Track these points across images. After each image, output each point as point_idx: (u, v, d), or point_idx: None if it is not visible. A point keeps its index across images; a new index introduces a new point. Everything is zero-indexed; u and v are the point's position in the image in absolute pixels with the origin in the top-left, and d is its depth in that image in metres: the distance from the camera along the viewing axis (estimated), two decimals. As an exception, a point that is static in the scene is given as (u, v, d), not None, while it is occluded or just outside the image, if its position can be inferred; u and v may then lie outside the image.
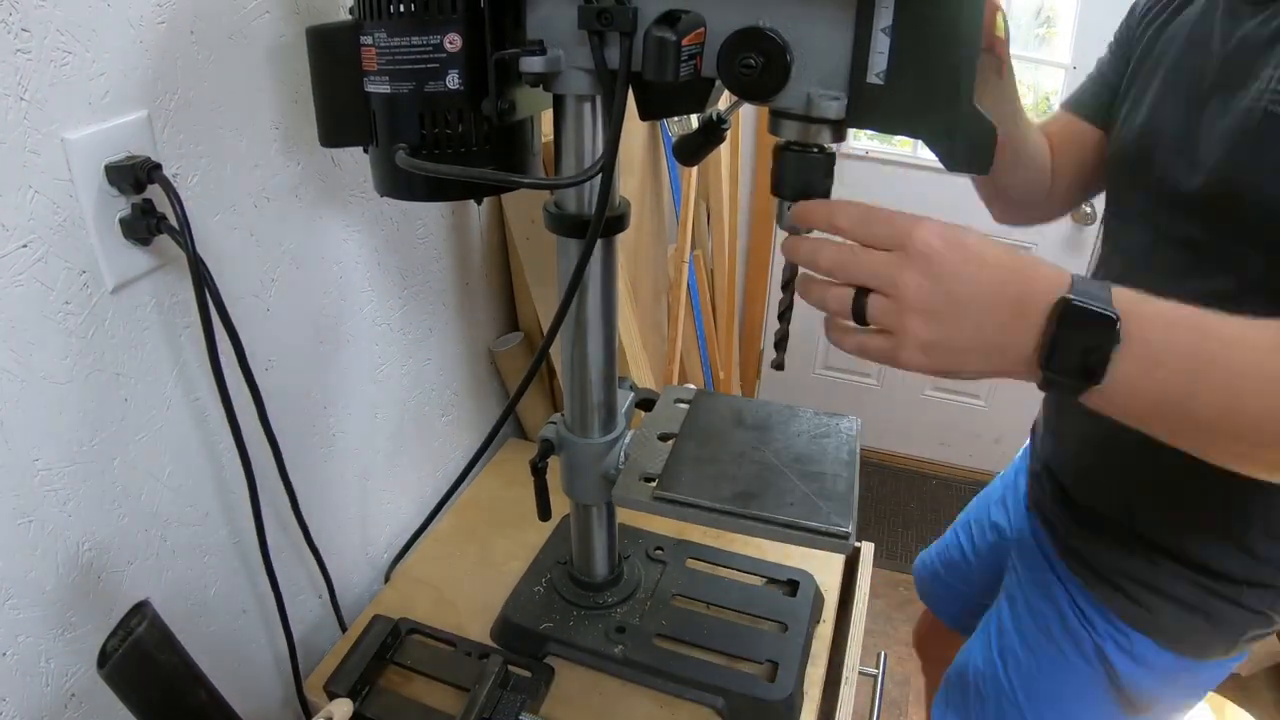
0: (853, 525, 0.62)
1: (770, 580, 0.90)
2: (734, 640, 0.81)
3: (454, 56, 0.56)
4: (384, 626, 0.81)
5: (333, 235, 0.78)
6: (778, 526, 0.63)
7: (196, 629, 0.71)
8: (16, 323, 0.50)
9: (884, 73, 0.49)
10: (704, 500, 0.65)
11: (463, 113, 0.58)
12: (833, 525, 0.62)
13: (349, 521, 0.90)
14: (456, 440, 1.09)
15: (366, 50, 0.57)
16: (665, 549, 0.92)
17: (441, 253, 0.97)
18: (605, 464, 0.74)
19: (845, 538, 0.62)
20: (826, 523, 0.62)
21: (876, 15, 0.47)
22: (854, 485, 0.66)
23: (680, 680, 0.78)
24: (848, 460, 0.70)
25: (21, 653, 0.55)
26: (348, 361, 0.84)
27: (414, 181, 0.61)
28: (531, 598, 0.85)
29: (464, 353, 1.07)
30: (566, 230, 0.64)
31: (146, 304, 0.59)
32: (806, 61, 0.50)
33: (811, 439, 0.73)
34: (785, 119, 0.54)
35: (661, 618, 0.83)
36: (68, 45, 0.50)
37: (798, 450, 0.71)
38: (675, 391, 0.81)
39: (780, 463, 0.70)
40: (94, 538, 0.59)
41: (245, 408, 0.65)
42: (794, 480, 0.67)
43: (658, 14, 0.50)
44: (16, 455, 0.52)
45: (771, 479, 0.67)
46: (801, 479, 0.68)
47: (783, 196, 0.56)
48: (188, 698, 0.54)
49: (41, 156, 0.50)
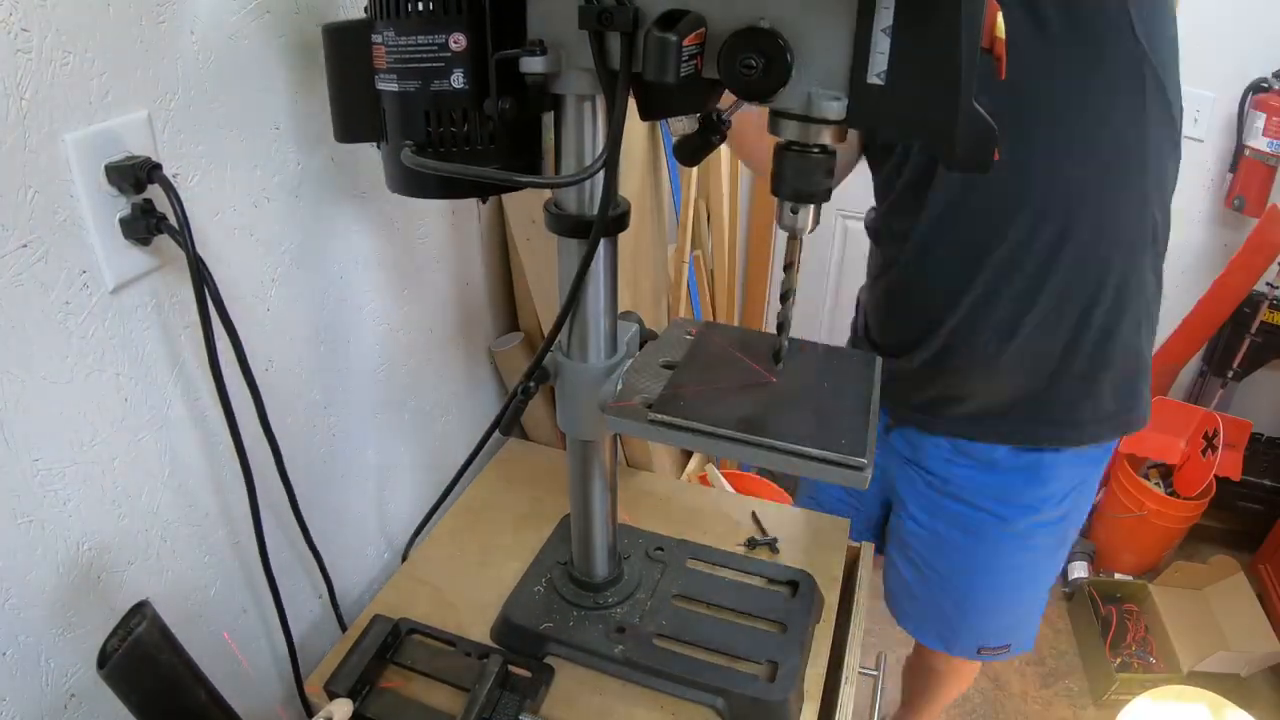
0: (869, 456, 0.57)
1: (770, 581, 0.90)
2: (733, 641, 0.81)
3: (459, 56, 0.56)
4: (384, 626, 0.81)
5: (333, 235, 0.78)
6: (787, 455, 0.58)
7: (196, 629, 0.71)
8: (17, 322, 0.50)
9: (884, 73, 0.48)
10: (703, 424, 0.60)
11: (468, 111, 0.58)
12: (848, 456, 0.57)
13: (349, 521, 0.90)
14: (457, 440, 1.09)
15: (377, 48, 0.58)
16: (665, 549, 0.92)
17: (442, 253, 0.97)
18: (603, 392, 0.68)
19: (861, 469, 0.57)
20: (842, 452, 0.57)
21: (877, 16, 0.47)
22: (871, 418, 0.62)
23: (680, 680, 0.77)
24: (864, 394, 0.65)
25: (21, 652, 0.55)
26: (348, 361, 0.84)
27: (424, 179, 0.61)
28: (531, 598, 0.85)
29: (464, 353, 1.07)
30: (567, 230, 0.64)
31: (146, 304, 0.59)
32: (807, 61, 0.50)
33: (826, 371, 0.68)
34: (785, 119, 0.53)
35: (661, 618, 0.83)
36: (68, 45, 0.50)
37: (811, 381, 0.67)
38: (683, 323, 0.76)
39: (791, 393, 0.65)
40: (94, 538, 0.59)
41: (245, 408, 0.65)
42: (806, 410, 0.63)
43: (658, 14, 0.50)
44: (16, 455, 0.52)
45: (781, 407, 0.63)
46: (814, 410, 0.63)
47: (782, 197, 0.55)
48: (188, 698, 0.54)
49: (41, 156, 0.50)
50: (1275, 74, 1.76)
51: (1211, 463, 1.92)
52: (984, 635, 1.16)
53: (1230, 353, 2.02)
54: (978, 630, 1.15)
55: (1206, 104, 1.82)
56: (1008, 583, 1.10)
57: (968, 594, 1.12)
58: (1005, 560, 1.08)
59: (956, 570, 1.11)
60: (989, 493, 1.04)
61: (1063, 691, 1.86)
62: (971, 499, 1.05)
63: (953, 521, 1.08)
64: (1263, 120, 1.75)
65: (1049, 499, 1.03)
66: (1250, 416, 2.05)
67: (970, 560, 1.09)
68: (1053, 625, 2.03)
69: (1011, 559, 1.08)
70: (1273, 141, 1.75)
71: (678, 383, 0.66)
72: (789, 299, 0.63)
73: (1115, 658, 1.85)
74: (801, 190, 0.54)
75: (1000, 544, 1.06)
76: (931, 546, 1.12)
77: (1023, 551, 1.07)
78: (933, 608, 1.15)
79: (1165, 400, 2.04)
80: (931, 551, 1.12)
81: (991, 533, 1.06)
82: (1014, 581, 1.10)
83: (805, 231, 0.57)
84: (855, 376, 0.68)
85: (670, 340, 0.73)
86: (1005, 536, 1.05)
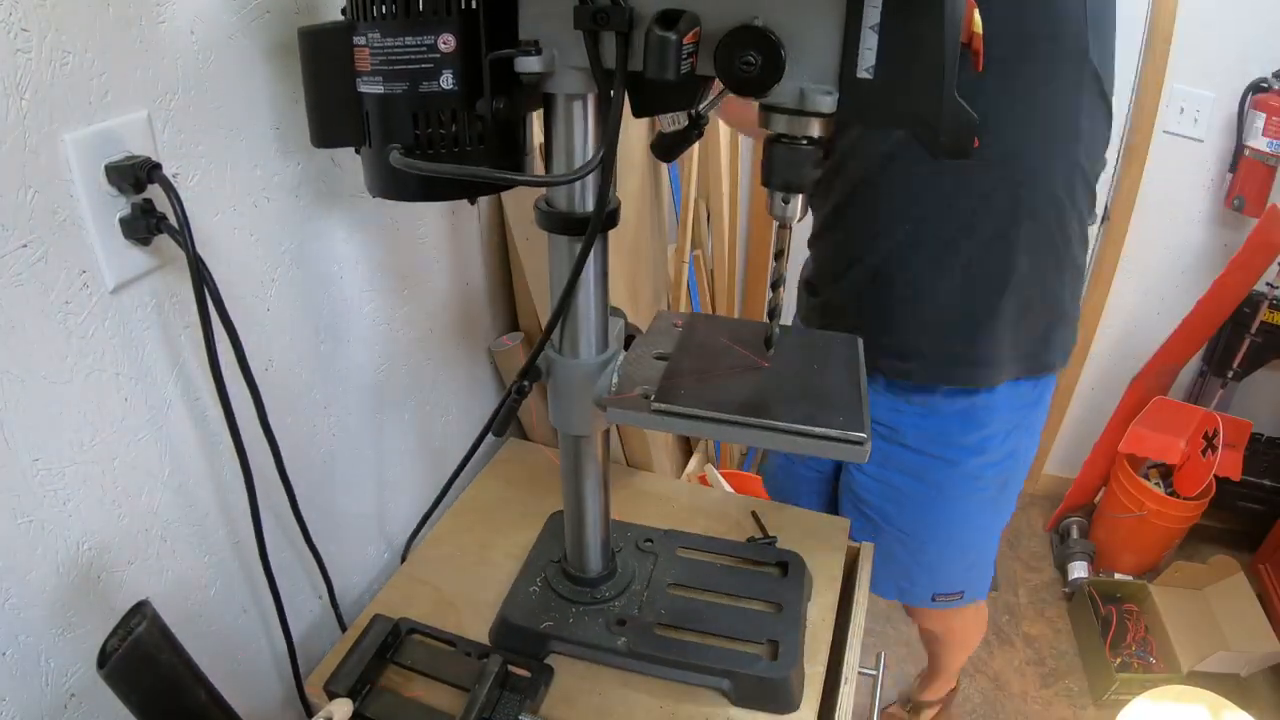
0: (867, 431, 0.60)
1: (760, 563, 0.91)
2: (733, 623, 0.82)
3: (448, 57, 0.56)
4: (384, 626, 0.81)
5: (333, 235, 0.78)
6: (790, 434, 0.60)
7: (196, 629, 0.71)
8: (17, 323, 0.50)
9: (873, 68, 0.51)
10: (706, 410, 0.62)
11: (457, 113, 0.58)
12: (848, 432, 0.60)
13: (348, 521, 0.91)
14: (456, 440, 1.09)
15: (360, 51, 0.57)
16: (654, 540, 0.92)
17: (441, 253, 0.97)
18: (598, 387, 0.69)
19: (862, 443, 0.59)
20: (842, 429, 0.60)
21: (865, 14, 0.50)
22: (862, 396, 0.64)
23: (686, 666, 0.79)
24: (852, 373, 0.68)
25: (21, 652, 0.55)
26: (348, 361, 0.84)
27: (408, 181, 0.61)
28: (528, 598, 0.85)
29: (464, 353, 1.07)
30: (558, 228, 0.64)
31: (146, 304, 0.59)
32: (799, 58, 0.51)
33: (813, 355, 0.71)
34: (776, 113, 0.55)
35: (660, 607, 0.84)
36: (67, 45, 0.50)
37: (800, 365, 0.69)
38: (668, 315, 0.78)
39: (785, 376, 0.67)
40: (94, 538, 0.59)
41: (245, 408, 0.65)
42: (801, 391, 0.65)
43: (653, 13, 0.51)
44: (16, 455, 0.52)
45: (776, 391, 0.65)
46: (807, 391, 0.65)
47: (772, 188, 0.57)
48: (188, 698, 0.54)
49: (41, 156, 0.50)
50: (1275, 74, 1.76)
51: (1211, 463, 1.92)
52: (938, 582, 1.22)
53: (1230, 353, 2.02)
54: (932, 578, 1.21)
55: (1206, 104, 1.81)
56: (959, 525, 1.16)
57: (922, 541, 1.18)
58: (956, 505, 1.14)
59: (909, 518, 1.16)
60: (934, 437, 1.10)
61: (1063, 691, 1.86)
62: (919, 446, 1.11)
63: (903, 469, 1.13)
64: (1262, 120, 1.75)
65: (990, 439, 1.09)
66: (1250, 416, 2.05)
67: (922, 506, 1.15)
68: (1053, 625, 2.03)
69: (962, 504, 1.14)
70: (1273, 141, 1.75)
71: (673, 373, 0.67)
72: (779, 286, 0.64)
73: (1115, 658, 1.85)
74: (791, 181, 0.56)
75: (949, 487, 1.12)
76: (884, 496, 1.16)
77: (972, 495, 1.13)
78: (888, 559, 1.19)
79: (1165, 400, 2.04)
80: (885, 501, 1.17)
81: (940, 476, 1.12)
82: (964, 524, 1.16)
83: (794, 220, 0.59)
84: (842, 357, 0.71)
85: (659, 333, 0.74)
86: (955, 479, 1.11)
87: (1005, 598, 2.09)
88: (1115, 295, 2.09)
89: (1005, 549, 2.23)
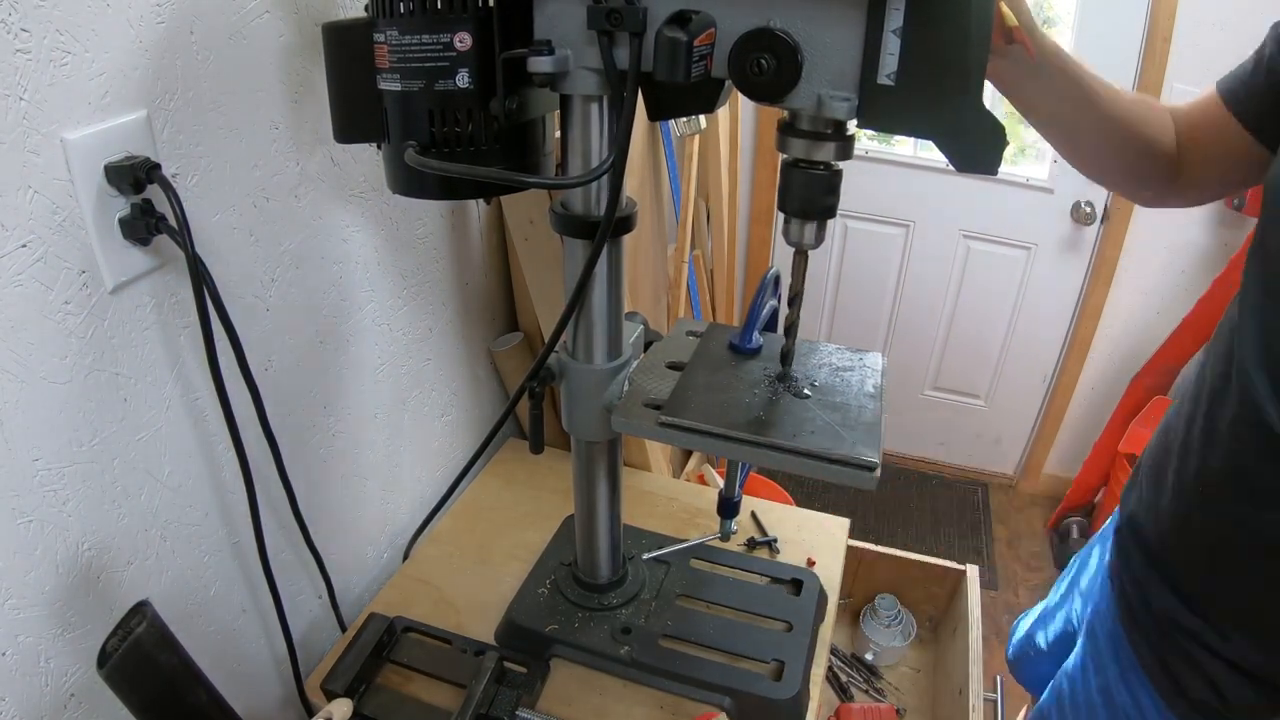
0: (879, 457, 0.57)
1: (773, 579, 0.90)
2: (739, 640, 0.81)
3: (464, 55, 0.56)
4: (379, 624, 0.81)
5: (333, 235, 0.78)
6: (798, 456, 0.58)
7: (196, 629, 0.71)
8: (16, 323, 0.50)
9: (894, 74, 0.49)
10: (714, 426, 0.59)
11: (472, 112, 0.58)
12: (859, 455, 0.57)
13: (348, 522, 0.91)
14: (456, 440, 1.09)
15: (379, 48, 0.58)
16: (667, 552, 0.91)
17: (441, 253, 0.97)
18: (608, 394, 0.68)
19: (872, 469, 0.57)
20: (852, 452, 0.57)
21: (887, 17, 0.48)
22: (880, 417, 0.62)
23: (686, 681, 0.78)
24: (872, 393, 0.65)
25: (21, 653, 0.55)
26: (348, 361, 0.84)
27: (426, 179, 0.61)
28: (535, 600, 0.85)
29: (464, 353, 1.07)
30: (573, 231, 0.64)
31: (146, 304, 0.59)
32: (817, 62, 0.50)
33: (833, 371, 0.68)
34: (793, 137, 0.54)
35: (666, 618, 0.83)
36: (67, 45, 0.50)
37: (819, 381, 0.67)
38: (687, 323, 0.76)
39: (800, 393, 0.65)
40: (94, 538, 0.59)
41: (244, 408, 0.65)
42: (814, 410, 0.62)
43: (667, 14, 0.50)
44: (16, 455, 0.52)
45: (790, 408, 0.62)
46: (823, 409, 0.62)
47: (789, 213, 0.56)
48: (188, 698, 0.54)
49: (41, 156, 0.50)
50: (1275, 74, 1.75)
51: (1211, 463, 1.91)
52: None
53: (1230, 353, 2.02)
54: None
55: (1206, 104, 1.81)
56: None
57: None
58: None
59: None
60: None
61: (1062, 691, 1.86)
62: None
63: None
64: (1263, 120, 1.75)
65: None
66: (1250, 416, 2.05)
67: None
68: (1052, 625, 2.03)
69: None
70: (1273, 141, 1.74)
71: (685, 384, 0.65)
72: (797, 303, 0.63)
73: (1115, 658, 1.85)
74: (807, 207, 0.55)
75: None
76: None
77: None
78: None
79: (1165, 400, 2.04)
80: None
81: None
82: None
83: (811, 247, 0.58)
84: (862, 375, 0.68)
85: (675, 341, 0.73)
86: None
87: (1005, 598, 2.09)
88: (1115, 295, 2.09)
89: (1005, 549, 2.23)
